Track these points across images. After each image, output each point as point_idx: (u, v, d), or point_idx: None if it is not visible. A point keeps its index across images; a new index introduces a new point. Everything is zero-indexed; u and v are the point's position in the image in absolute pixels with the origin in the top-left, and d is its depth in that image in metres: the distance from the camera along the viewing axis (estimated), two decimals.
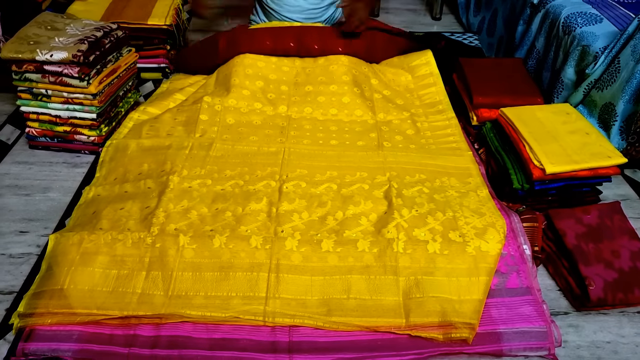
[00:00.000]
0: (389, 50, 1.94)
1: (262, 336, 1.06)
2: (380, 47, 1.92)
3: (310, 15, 1.92)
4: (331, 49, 1.82)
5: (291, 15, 1.91)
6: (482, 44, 2.25)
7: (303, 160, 1.50)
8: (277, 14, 1.92)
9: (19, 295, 1.15)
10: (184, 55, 2.01)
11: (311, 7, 1.91)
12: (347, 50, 1.83)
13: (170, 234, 1.20)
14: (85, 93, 1.49)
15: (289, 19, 1.91)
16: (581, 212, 1.28)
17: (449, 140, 1.62)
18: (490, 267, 1.16)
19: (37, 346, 1.03)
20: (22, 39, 1.48)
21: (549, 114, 1.49)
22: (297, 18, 1.91)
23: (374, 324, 1.08)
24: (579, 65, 1.64)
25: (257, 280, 1.13)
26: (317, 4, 1.91)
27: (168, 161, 1.45)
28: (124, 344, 1.04)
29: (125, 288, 1.11)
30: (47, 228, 1.34)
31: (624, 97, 1.48)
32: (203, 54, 1.89)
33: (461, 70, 1.75)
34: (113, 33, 1.59)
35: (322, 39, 1.82)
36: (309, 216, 1.29)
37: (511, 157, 1.43)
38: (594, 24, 1.66)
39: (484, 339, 1.07)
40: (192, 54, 1.98)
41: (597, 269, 1.16)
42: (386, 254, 1.17)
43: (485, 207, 1.31)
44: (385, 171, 1.45)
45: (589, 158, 1.33)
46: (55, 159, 1.59)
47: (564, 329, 1.13)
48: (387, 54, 1.94)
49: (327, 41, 1.82)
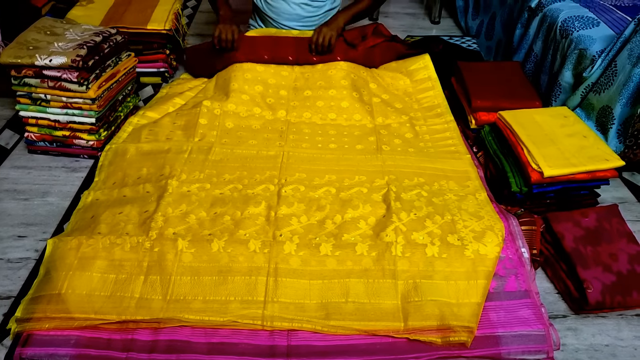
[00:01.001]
0: (387, 55, 1.95)
1: (260, 340, 1.06)
2: (378, 53, 1.93)
3: (308, 22, 1.92)
4: (329, 58, 1.83)
5: (289, 23, 1.91)
6: (480, 47, 2.25)
7: (302, 164, 1.50)
8: (275, 22, 1.93)
9: (17, 300, 1.15)
10: (195, 53, 2.02)
11: (308, 15, 1.91)
12: (345, 58, 1.84)
13: (168, 238, 1.20)
14: (84, 98, 1.49)
15: (286, 26, 1.92)
16: (579, 215, 1.28)
17: (447, 144, 1.62)
18: (489, 271, 1.16)
19: (35, 351, 1.03)
20: (22, 44, 1.49)
21: (547, 117, 1.50)
22: (294, 26, 1.92)
23: (372, 328, 1.07)
24: (577, 69, 1.64)
25: (256, 284, 1.13)
26: (314, 12, 1.92)
27: (167, 165, 1.45)
28: (122, 348, 1.04)
29: (123, 292, 1.11)
30: (45, 233, 1.34)
31: (621, 100, 1.49)
32: (211, 56, 1.90)
33: (460, 73, 1.76)
34: (112, 38, 1.59)
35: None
36: (308, 220, 1.29)
37: (509, 161, 1.43)
38: (591, 27, 1.67)
39: (482, 342, 1.07)
40: (204, 54, 1.98)
41: (596, 272, 1.16)
42: (385, 258, 1.17)
43: (484, 211, 1.31)
44: (384, 175, 1.45)
45: (586, 161, 1.33)
46: (54, 164, 1.59)
47: (563, 332, 1.12)
48: (385, 59, 1.95)
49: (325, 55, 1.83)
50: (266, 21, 1.96)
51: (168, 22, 1.93)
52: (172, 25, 1.96)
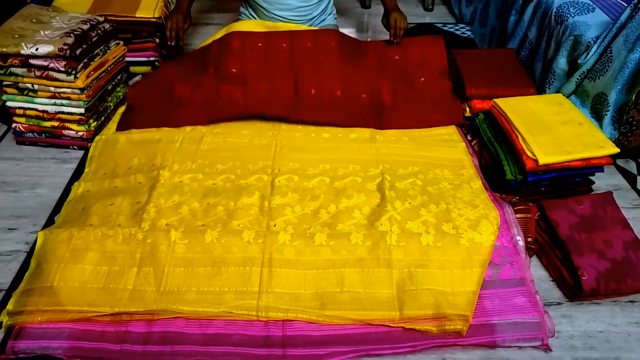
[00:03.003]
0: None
1: (255, 331, 1.06)
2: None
3: (300, 12, 1.89)
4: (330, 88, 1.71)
5: (281, 13, 1.87)
6: (474, 34, 2.24)
7: (295, 153, 1.48)
8: (267, 11, 1.89)
9: (8, 293, 1.13)
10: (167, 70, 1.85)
11: (301, 5, 1.88)
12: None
13: (161, 229, 1.19)
14: (72, 87, 1.47)
15: (278, 16, 1.88)
16: (574, 202, 1.28)
17: (441, 132, 1.61)
18: (484, 259, 1.16)
19: (27, 344, 1.02)
20: (7, 33, 1.45)
21: (541, 105, 1.49)
22: (286, 15, 1.88)
23: (367, 317, 1.07)
24: (571, 55, 1.63)
25: (250, 275, 1.12)
26: (307, 2, 1.88)
27: (158, 155, 1.44)
28: (116, 340, 1.03)
29: (116, 284, 1.10)
30: (35, 225, 1.32)
31: (616, 86, 1.48)
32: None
33: (454, 61, 1.74)
34: (100, 26, 1.56)
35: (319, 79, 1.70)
36: (302, 210, 1.28)
37: (504, 148, 1.42)
38: (586, 13, 1.65)
39: (477, 330, 1.07)
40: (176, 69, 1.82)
41: (590, 259, 1.16)
42: (379, 247, 1.17)
43: (479, 199, 1.31)
44: (378, 164, 1.44)
45: (581, 148, 1.33)
46: (43, 155, 1.57)
47: (557, 320, 1.13)
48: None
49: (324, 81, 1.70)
50: (258, 10, 1.92)
51: (157, 9, 1.89)
52: (162, 13, 1.92)
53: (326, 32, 1.77)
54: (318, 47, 1.73)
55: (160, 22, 1.90)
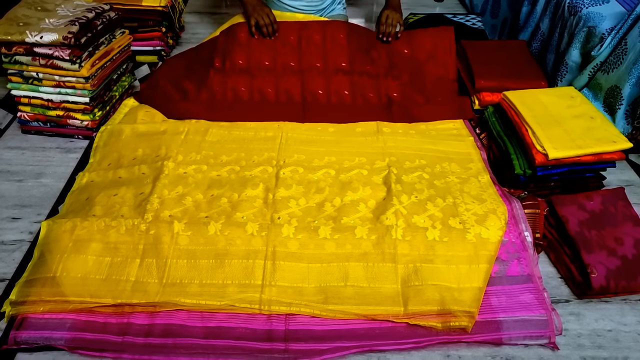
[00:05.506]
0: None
1: (257, 324, 1.05)
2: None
3: (312, 2, 1.86)
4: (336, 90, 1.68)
5: (292, 2, 1.85)
6: (485, 25, 2.19)
7: (301, 145, 1.47)
8: (278, 1, 1.86)
9: (11, 282, 1.13)
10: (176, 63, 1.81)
11: None
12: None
13: (164, 220, 1.18)
14: (77, 76, 1.45)
15: (289, 6, 1.85)
16: (584, 198, 1.25)
17: (449, 126, 1.58)
18: (491, 255, 1.14)
19: (30, 334, 1.02)
20: (12, 20, 1.44)
21: (553, 98, 1.45)
22: (298, 5, 1.85)
23: (371, 312, 1.06)
24: (585, 47, 1.59)
25: (253, 268, 1.11)
26: None
27: (163, 146, 1.42)
28: (118, 332, 1.03)
29: (118, 275, 1.09)
30: (39, 214, 1.31)
31: (630, 79, 1.44)
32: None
33: (463, 53, 1.71)
34: (105, 14, 1.54)
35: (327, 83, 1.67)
36: (306, 203, 1.26)
37: (513, 142, 1.39)
38: (601, 4, 1.61)
39: (483, 327, 1.05)
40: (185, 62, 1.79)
41: (600, 256, 1.14)
42: (385, 241, 1.15)
43: (487, 193, 1.28)
44: (384, 156, 1.42)
45: (593, 143, 1.29)
46: (48, 144, 1.56)
47: (565, 317, 1.11)
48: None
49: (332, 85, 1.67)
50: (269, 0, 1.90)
51: None
52: (168, 2, 1.91)
53: (335, 23, 1.74)
54: (326, 40, 1.70)
55: (167, 11, 1.88)
